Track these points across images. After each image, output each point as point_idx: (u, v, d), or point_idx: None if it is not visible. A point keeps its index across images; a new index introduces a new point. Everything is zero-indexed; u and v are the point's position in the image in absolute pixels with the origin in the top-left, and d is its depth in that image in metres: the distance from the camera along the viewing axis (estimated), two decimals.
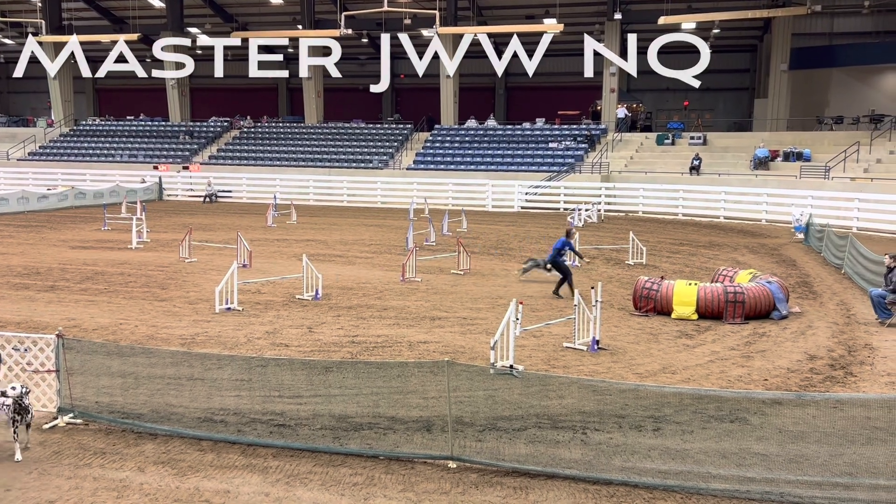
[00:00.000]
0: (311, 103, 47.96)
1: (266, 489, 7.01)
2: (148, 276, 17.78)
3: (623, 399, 7.88)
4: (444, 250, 22.23)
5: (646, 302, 14.25)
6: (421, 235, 24.40)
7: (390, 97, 59.32)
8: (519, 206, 37.42)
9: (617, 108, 43.24)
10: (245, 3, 49.77)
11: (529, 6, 45.92)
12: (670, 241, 25.78)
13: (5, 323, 12.70)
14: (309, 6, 45.57)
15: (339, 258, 20.94)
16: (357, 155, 43.01)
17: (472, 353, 11.38)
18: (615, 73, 42.79)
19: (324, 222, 30.78)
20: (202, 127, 48.86)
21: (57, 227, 27.62)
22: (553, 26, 41.36)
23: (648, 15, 42.16)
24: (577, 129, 42.72)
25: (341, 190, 40.13)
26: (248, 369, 8.61)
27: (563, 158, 39.38)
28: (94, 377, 8.60)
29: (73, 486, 7.01)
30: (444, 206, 35.77)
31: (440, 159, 41.30)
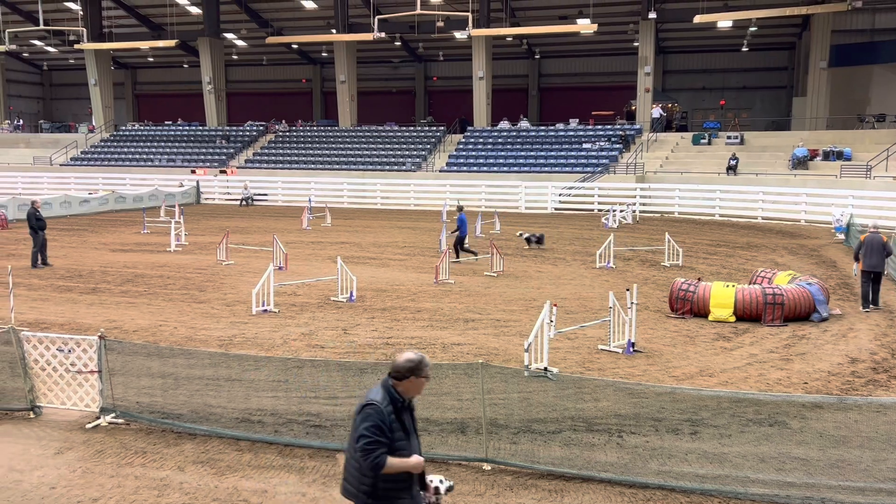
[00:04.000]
0: (344, 107, 48.33)
1: (303, 489, 7.08)
2: (186, 278, 18.06)
3: (659, 402, 7.81)
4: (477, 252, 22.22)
5: (682, 304, 14.10)
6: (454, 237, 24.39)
7: (423, 100, 59.55)
8: (552, 207, 37.26)
9: (652, 107, 42.85)
10: (280, 9, 50.34)
11: (563, 6, 45.73)
12: (707, 242, 25.45)
13: (49, 324, 13.01)
14: (343, 10, 45.93)
15: (373, 260, 21.06)
16: (390, 158, 43.22)
17: (506, 355, 11.37)
18: (650, 73, 42.40)
19: (358, 225, 30.98)
20: (238, 131, 49.53)
21: (98, 231, 28.20)
22: (587, 26, 41.12)
23: (683, 14, 41.72)
24: (611, 129, 42.42)
25: (375, 193, 40.35)
26: (284, 370, 8.71)
27: (597, 159, 39.12)
28: (134, 378, 8.77)
29: (116, 484, 7.16)
30: (477, 207, 35.76)
31: (473, 161, 41.32)
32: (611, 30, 46.67)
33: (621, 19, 45.68)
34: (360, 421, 4.64)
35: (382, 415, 4.60)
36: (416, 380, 4.70)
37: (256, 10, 50.83)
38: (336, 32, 46.59)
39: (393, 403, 4.68)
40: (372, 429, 4.56)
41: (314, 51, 57.53)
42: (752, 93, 52.63)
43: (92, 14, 49.54)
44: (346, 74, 47.58)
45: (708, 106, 52.25)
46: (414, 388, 4.74)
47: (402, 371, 4.69)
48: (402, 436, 4.68)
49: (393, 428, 4.62)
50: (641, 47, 42.84)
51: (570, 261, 21.17)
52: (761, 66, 51.84)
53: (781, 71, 52.12)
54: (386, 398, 4.68)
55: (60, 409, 8.93)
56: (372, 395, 4.72)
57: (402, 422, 4.72)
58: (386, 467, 4.57)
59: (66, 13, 51.94)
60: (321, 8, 48.43)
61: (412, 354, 4.76)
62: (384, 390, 4.71)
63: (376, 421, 4.58)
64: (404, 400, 4.73)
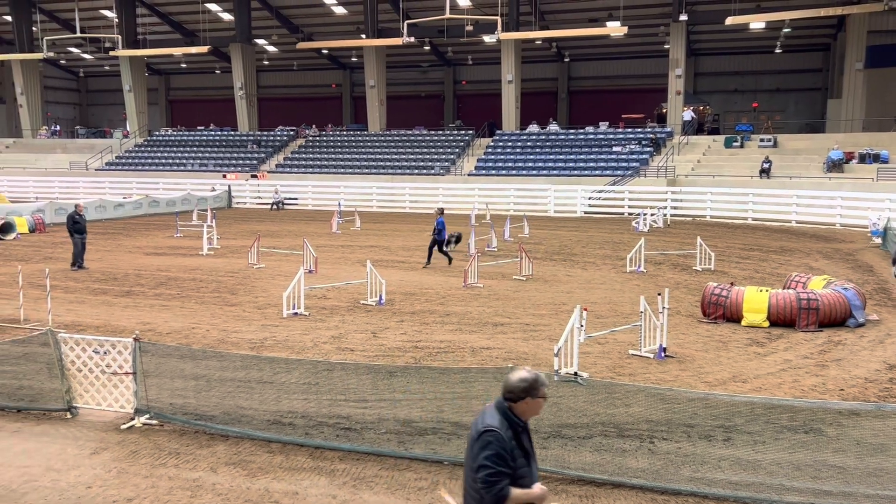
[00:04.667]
0: (374, 111, 48.59)
1: (333, 492, 7.12)
2: (218, 281, 18.27)
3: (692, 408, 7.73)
4: (505, 256, 22.19)
5: (714, 308, 13.93)
6: (483, 241, 24.42)
7: (452, 103, 59.67)
8: (582, 211, 37.07)
9: (683, 110, 42.47)
10: (310, 14, 50.82)
11: (592, 9, 45.56)
12: (739, 246, 25.14)
13: (86, 326, 13.24)
14: (372, 15, 46.21)
15: (402, 264, 21.11)
16: (419, 161, 43.35)
17: (536, 360, 11.33)
18: (681, 75, 42.03)
19: (387, 228, 31.11)
20: (269, 136, 50.03)
21: (132, 235, 28.65)
22: (616, 29, 40.90)
23: (715, 15, 41.31)
24: (641, 132, 42.11)
25: (403, 196, 40.49)
26: (314, 373, 8.77)
27: (627, 162, 38.85)
28: (168, 379, 8.89)
29: (150, 484, 7.26)
30: (506, 211, 35.71)
31: (501, 165, 41.28)
32: (641, 32, 46.37)
33: (652, 21, 45.36)
34: (478, 449, 4.27)
35: (503, 441, 4.26)
36: (532, 401, 4.36)
37: (287, 16, 51.35)
38: (366, 37, 46.89)
39: (512, 428, 4.34)
40: (493, 458, 4.22)
41: (344, 56, 57.95)
42: (786, 95, 51.92)
43: (127, 21, 50.42)
44: (376, 79, 47.84)
45: (740, 108, 51.66)
46: (531, 410, 4.39)
47: (516, 392, 4.34)
48: (523, 462, 4.36)
49: (514, 455, 4.29)
50: (672, 49, 42.50)
51: (600, 265, 21.04)
52: (795, 67, 51.12)
53: (816, 73, 51.35)
54: (504, 422, 4.33)
55: (96, 410, 9.08)
56: (488, 419, 4.36)
57: (523, 446, 4.40)
58: (510, 500, 4.25)
59: (102, 21, 52.95)
60: (351, 13, 48.80)
61: (525, 373, 4.40)
62: (500, 413, 4.36)
63: (497, 449, 4.23)
64: (523, 423, 4.40)
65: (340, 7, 48.69)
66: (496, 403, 4.42)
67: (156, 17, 52.68)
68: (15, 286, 15.32)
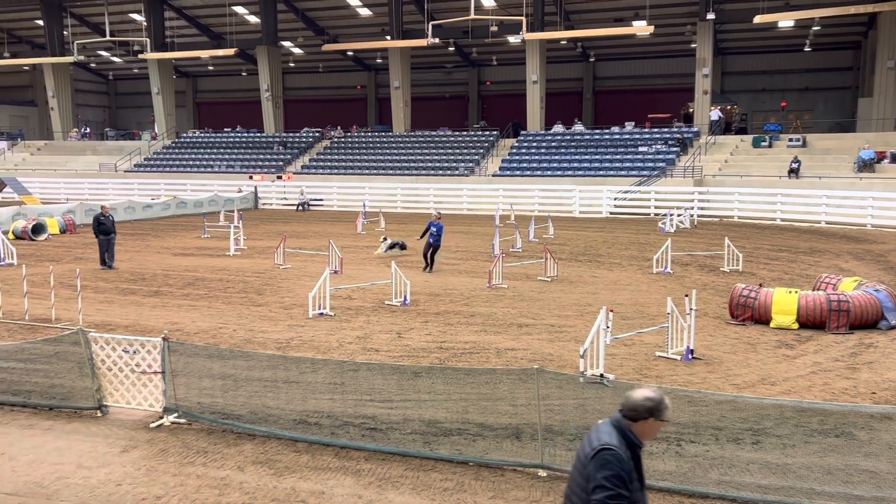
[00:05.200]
0: (398, 112, 48.73)
1: (359, 491, 7.14)
2: (245, 281, 18.43)
3: (720, 410, 7.64)
4: (530, 257, 22.13)
5: (743, 310, 13.78)
6: (507, 242, 24.37)
7: (476, 104, 59.64)
8: (608, 211, 36.86)
9: (710, 110, 42.06)
10: (336, 16, 51.09)
11: (618, 8, 45.29)
12: (768, 247, 24.83)
13: (115, 326, 13.42)
14: (397, 17, 46.34)
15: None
16: (443, 162, 43.38)
17: (561, 361, 11.28)
18: (708, 75, 41.63)
19: (411, 229, 31.12)
20: (295, 137, 50.37)
21: (160, 235, 28.99)
22: (643, 28, 40.62)
23: (743, 14, 40.88)
24: (668, 132, 41.77)
25: (428, 197, 40.54)
26: (340, 373, 8.80)
27: (653, 162, 38.56)
28: (196, 379, 8.98)
29: (178, 483, 7.34)
30: (531, 212, 35.62)
31: (526, 165, 41.18)
32: (667, 31, 46.00)
33: (678, 20, 44.99)
34: (595, 468, 4.01)
35: (622, 462, 4.00)
36: (655, 422, 4.11)
37: (313, 18, 51.67)
38: (390, 39, 47.04)
39: (631, 448, 4.08)
40: (613, 479, 3.96)
41: (369, 57, 58.18)
42: (815, 94, 51.20)
43: (155, 25, 51.07)
44: (401, 80, 47.97)
45: (768, 108, 51.07)
46: (651, 432, 4.14)
47: (640, 411, 4.09)
48: (637, 486, 4.11)
49: (632, 478, 4.04)
50: (699, 49, 42.11)
51: (625, 266, 20.91)
52: (824, 66, 50.40)
53: (846, 71, 50.57)
54: (622, 442, 4.07)
55: (126, 409, 9.20)
56: (604, 436, 4.11)
57: (640, 469, 4.14)
58: None
59: (131, 24, 53.69)
60: (376, 15, 48.98)
61: (652, 392, 4.15)
62: (618, 432, 4.11)
63: (617, 470, 3.97)
64: (642, 444, 4.15)
65: (365, 9, 48.89)
66: (612, 421, 4.19)
67: (183, 21, 53.29)
68: (47, 286, 15.58)
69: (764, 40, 48.64)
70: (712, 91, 43.22)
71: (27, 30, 58.38)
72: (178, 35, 53.40)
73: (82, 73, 65.74)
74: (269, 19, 49.51)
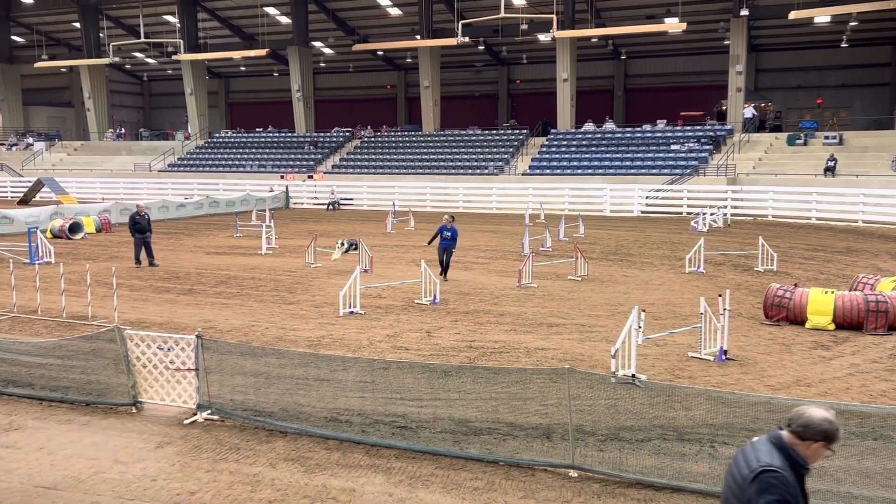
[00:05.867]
0: (428, 112, 48.80)
1: (389, 489, 7.16)
2: (276, 280, 18.60)
3: (754, 412, 7.52)
4: (560, 256, 22.02)
5: (777, 310, 13.56)
6: (537, 241, 24.28)
7: (506, 103, 59.50)
8: (639, 210, 36.54)
9: (744, 107, 41.49)
10: (366, 16, 51.31)
11: (650, 6, 44.86)
12: (803, 246, 24.43)
13: (150, 323, 13.63)
14: (427, 16, 46.41)
15: (456, 264, 21.10)
16: (473, 161, 43.36)
17: (592, 361, 11.21)
18: (742, 72, 41.06)
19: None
20: (326, 137, 50.70)
21: (193, 234, 29.37)
22: (675, 25, 40.21)
23: (778, 10, 40.22)
24: (700, 130, 41.30)
25: (457, 196, 40.56)
26: (370, 371, 8.83)
27: (685, 161, 38.15)
28: (229, 376, 9.07)
29: (212, 478, 7.42)
30: (561, 211, 35.45)
31: (556, 164, 40.99)
32: (700, 28, 45.46)
33: (711, 17, 44.43)
34: (757, 492, 3.66)
35: (788, 485, 3.64)
36: (822, 447, 3.74)
37: (343, 19, 51.96)
38: (420, 38, 47.12)
39: (795, 470, 3.71)
40: None
41: (399, 57, 58.34)
42: (852, 91, 50.22)
43: (188, 26, 51.74)
44: (430, 79, 48.03)
45: (804, 105, 50.21)
46: (816, 456, 3.75)
47: (814, 431, 3.71)
48: None
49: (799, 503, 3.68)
50: (733, 45, 41.56)
51: (657, 265, 20.71)
52: (862, 62, 49.40)
53: (884, 67, 49.52)
54: (785, 462, 3.71)
55: (160, 405, 9.34)
56: (764, 456, 3.75)
57: (805, 493, 3.75)
58: None
59: (165, 26, 54.47)
60: (406, 14, 49.10)
61: (831, 415, 3.78)
62: (779, 451, 3.75)
63: (783, 494, 3.61)
64: (807, 466, 3.76)
65: (395, 8, 49.03)
66: (771, 438, 3.84)
67: (216, 22, 53.92)
68: (83, 284, 15.87)
69: (799, 36, 47.83)
70: (746, 88, 42.63)
71: (65, 32, 59.50)
72: (210, 36, 54.06)
73: (118, 74, 66.84)
74: (300, 20, 49.89)
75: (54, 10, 54.42)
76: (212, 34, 54.31)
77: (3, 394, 9.91)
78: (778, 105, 48.89)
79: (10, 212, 29.76)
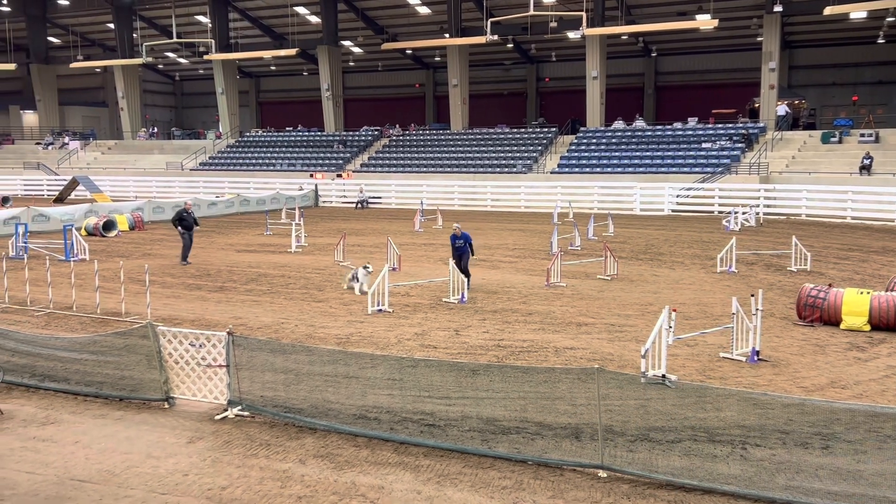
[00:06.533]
0: (456, 110, 48.77)
1: (418, 487, 7.18)
2: (306, 278, 18.73)
3: (787, 414, 7.40)
4: (589, 255, 21.88)
5: (811, 311, 13.35)
6: (565, 240, 24.16)
7: (534, 101, 59.25)
8: (669, 209, 36.19)
9: (777, 104, 40.85)
10: (395, 15, 51.41)
11: (681, 2, 44.37)
12: (838, 246, 24.01)
13: (181, 320, 13.80)
14: (456, 14, 46.39)
15: (484, 262, 21.11)
16: (501, 160, 43.25)
17: (621, 361, 11.13)
18: (775, 69, 40.44)
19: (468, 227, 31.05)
20: (354, 136, 50.91)
21: (224, 232, 29.68)
22: (707, 22, 39.75)
23: (812, 6, 39.54)
24: (732, 128, 40.76)
25: (485, 195, 40.50)
26: (399, 369, 8.85)
27: (717, 159, 37.69)
28: (259, 372, 9.16)
29: (242, 474, 7.50)
30: (590, 209, 35.23)
31: (585, 162, 40.73)
32: (732, 25, 44.86)
33: (744, 13, 43.81)
34: None
35: None
36: None
37: (372, 18, 52.13)
38: (449, 36, 47.10)
39: None
40: None
41: (427, 55, 58.40)
42: (889, 87, 49.18)
43: (220, 26, 52.29)
44: (459, 78, 48.00)
45: (838, 102, 49.30)
46: None
47: None
48: None
49: None
50: (766, 42, 40.95)
51: (688, 265, 20.49)
52: None
53: None
54: None
55: (191, 401, 9.46)
56: None
57: None
58: None
59: (197, 26, 55.12)
60: (435, 13, 49.11)
61: None
62: None
63: None
64: None
65: (424, 7, 49.07)
66: None
67: (247, 22, 54.41)
68: (117, 281, 16.12)
69: (834, 32, 46.96)
70: (779, 85, 41.98)
71: (99, 33, 60.48)
72: (241, 36, 54.57)
73: (150, 74, 67.76)
74: (329, 19, 50.15)
75: (89, 11, 55.35)
76: (243, 34, 54.83)
77: (40, 388, 10.12)
78: (812, 102, 48.07)
79: (46, 210, 30.34)
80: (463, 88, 48.45)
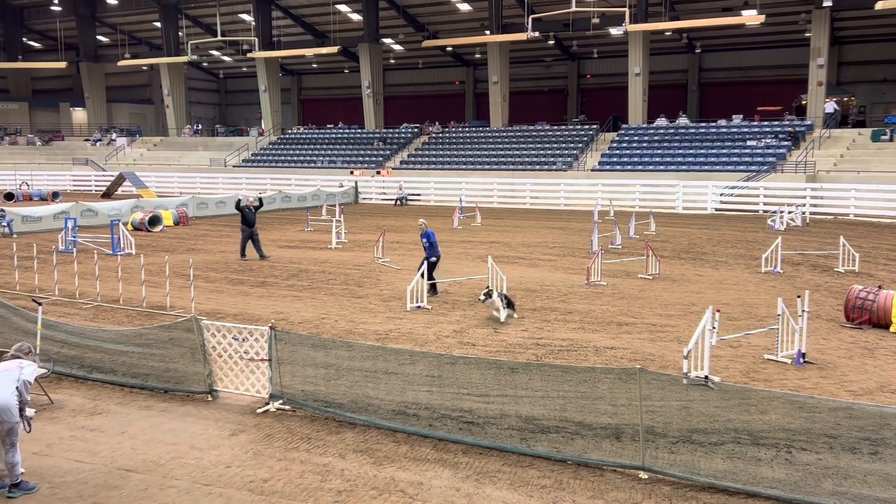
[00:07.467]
0: (496, 107, 48.62)
1: (457, 484, 7.19)
2: (346, 274, 18.87)
3: (834, 418, 7.24)
4: (630, 254, 21.65)
5: (859, 313, 13.03)
6: (606, 238, 23.93)
7: (576, 98, 58.79)
8: (713, 207, 35.62)
9: (825, 102, 39.89)
10: (435, 12, 51.44)
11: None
12: (887, 247, 23.38)
13: (224, 314, 14.02)
14: (497, 11, 46.23)
15: (523, 260, 21.03)
16: (541, 157, 43.01)
17: (663, 362, 10.99)
18: (823, 65, 39.49)
19: (507, 224, 31.06)
20: (394, 133, 51.10)
21: (266, 228, 30.01)
22: (753, 17, 39.00)
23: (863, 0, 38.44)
24: (778, 125, 39.94)
25: (524, 192, 40.32)
26: (438, 366, 8.87)
27: (762, 157, 36.98)
28: (300, 367, 9.26)
29: (283, 467, 7.60)
30: (631, 207, 34.85)
31: (627, 160, 40.30)
32: (779, 20, 43.91)
33: (791, 9, 42.85)
34: None
35: None
36: None
37: (413, 15, 52.23)
38: (490, 33, 46.97)
39: None
40: None
41: (467, 53, 58.30)
42: None
43: (263, 24, 52.92)
44: (499, 75, 47.85)
45: (889, 99, 47.94)
46: None
47: None
48: None
49: None
50: (814, 38, 40.00)
51: (732, 265, 20.15)
52: None
53: None
54: None
55: (234, 394, 9.60)
56: None
57: None
58: None
59: (240, 24, 55.83)
60: (475, 10, 49.02)
61: None
62: None
63: None
64: None
65: (465, 4, 48.99)
66: None
67: (289, 20, 54.96)
68: (162, 275, 16.44)
69: (885, 28, 45.61)
70: (827, 82, 40.98)
71: (146, 32, 61.68)
72: (284, 34, 55.15)
73: (195, 72, 68.86)
74: (370, 17, 50.39)
75: (136, 10, 56.49)
76: (285, 32, 55.40)
77: (88, 379, 10.37)
78: (861, 99, 46.85)
79: (94, 205, 31.06)
80: (503, 85, 48.29)
